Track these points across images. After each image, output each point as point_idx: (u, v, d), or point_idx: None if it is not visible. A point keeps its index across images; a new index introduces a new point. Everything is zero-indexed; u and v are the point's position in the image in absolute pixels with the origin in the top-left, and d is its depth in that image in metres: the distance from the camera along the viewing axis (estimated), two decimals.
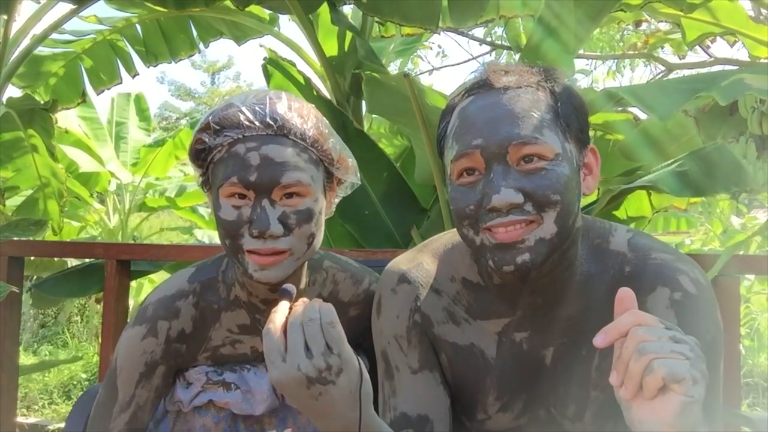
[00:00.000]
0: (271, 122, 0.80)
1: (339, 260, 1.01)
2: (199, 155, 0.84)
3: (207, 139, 0.82)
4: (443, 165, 0.81)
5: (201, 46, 3.04)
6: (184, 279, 0.94)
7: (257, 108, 0.81)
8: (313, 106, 0.90)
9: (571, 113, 0.77)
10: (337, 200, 0.94)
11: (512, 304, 0.83)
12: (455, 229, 0.86)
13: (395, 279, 0.88)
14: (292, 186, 0.80)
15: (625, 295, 0.64)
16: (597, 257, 0.82)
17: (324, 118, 0.89)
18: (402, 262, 0.90)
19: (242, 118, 0.80)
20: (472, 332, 0.85)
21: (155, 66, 3.09)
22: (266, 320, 0.72)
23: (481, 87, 0.77)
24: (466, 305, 0.86)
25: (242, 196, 0.80)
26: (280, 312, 0.69)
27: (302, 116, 0.83)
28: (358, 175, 0.94)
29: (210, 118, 0.82)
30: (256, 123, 0.80)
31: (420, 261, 0.89)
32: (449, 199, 0.78)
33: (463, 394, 0.88)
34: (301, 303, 0.70)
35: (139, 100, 5.05)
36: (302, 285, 0.92)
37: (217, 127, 0.81)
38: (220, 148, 0.82)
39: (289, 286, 0.73)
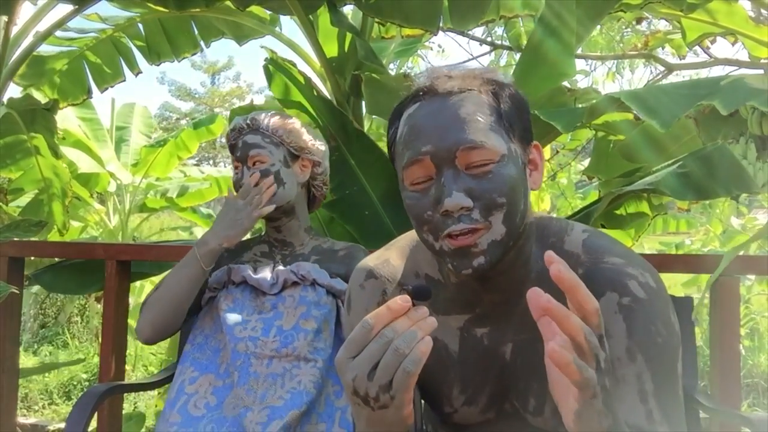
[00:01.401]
0: (250, 123, 1.38)
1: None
2: (231, 150, 1.42)
3: (229, 137, 1.41)
4: (395, 170, 0.84)
5: (203, 45, 3.03)
6: None
7: (247, 117, 1.39)
8: (296, 119, 1.43)
9: (514, 113, 0.80)
10: (321, 175, 1.45)
11: (471, 301, 0.85)
12: None
13: (363, 275, 0.92)
14: (256, 157, 1.36)
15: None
16: None
17: (299, 125, 1.41)
18: (370, 260, 0.94)
19: (240, 122, 1.39)
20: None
21: (158, 65, 3.08)
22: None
23: (426, 93, 0.80)
24: (430, 301, 0.87)
25: (238, 167, 1.39)
26: (392, 311, 0.63)
27: (270, 119, 1.38)
28: (327, 160, 1.47)
29: (230, 126, 1.41)
30: (244, 125, 1.38)
31: (386, 258, 0.92)
32: (405, 206, 0.81)
33: (430, 387, 0.90)
34: (411, 320, 0.64)
35: (142, 110, 5.09)
36: (305, 238, 1.44)
37: (231, 129, 1.41)
38: (237, 144, 1.40)
39: (425, 288, 0.68)
